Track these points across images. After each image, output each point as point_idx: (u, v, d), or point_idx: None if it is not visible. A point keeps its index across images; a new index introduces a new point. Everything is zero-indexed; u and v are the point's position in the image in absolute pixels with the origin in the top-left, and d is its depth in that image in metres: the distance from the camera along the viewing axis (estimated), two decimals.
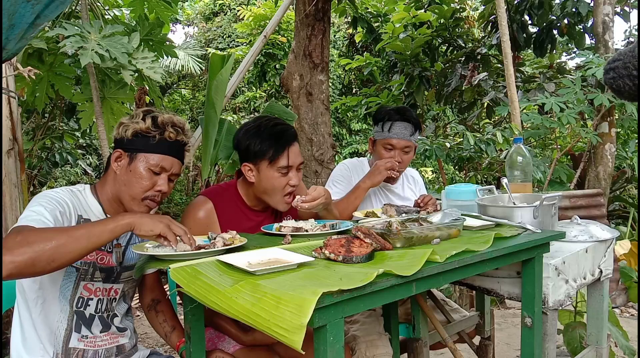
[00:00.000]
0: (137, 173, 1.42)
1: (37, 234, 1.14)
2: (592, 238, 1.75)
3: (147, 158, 1.42)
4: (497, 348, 2.42)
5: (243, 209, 1.74)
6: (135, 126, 1.42)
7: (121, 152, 1.44)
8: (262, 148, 1.64)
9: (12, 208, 2.95)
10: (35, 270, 1.12)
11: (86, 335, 1.44)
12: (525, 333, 1.48)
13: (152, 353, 1.65)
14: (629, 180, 6.13)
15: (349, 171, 2.23)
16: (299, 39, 4.15)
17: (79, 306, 1.43)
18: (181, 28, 12.46)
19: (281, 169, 1.65)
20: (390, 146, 2.13)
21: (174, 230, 1.24)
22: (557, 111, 4.16)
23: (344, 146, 9.97)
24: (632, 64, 1.09)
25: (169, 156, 1.45)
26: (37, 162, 5.22)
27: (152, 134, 1.42)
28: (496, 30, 5.36)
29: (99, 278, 1.46)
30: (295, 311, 0.84)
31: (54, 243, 1.12)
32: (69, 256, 1.15)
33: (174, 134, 1.45)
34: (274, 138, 1.65)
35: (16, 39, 1.67)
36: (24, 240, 1.10)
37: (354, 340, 1.86)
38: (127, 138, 1.43)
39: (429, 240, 1.29)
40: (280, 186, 1.66)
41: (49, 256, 1.11)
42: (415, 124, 2.15)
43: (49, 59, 2.85)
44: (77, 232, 1.16)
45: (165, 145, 1.44)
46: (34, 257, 1.09)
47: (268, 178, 1.65)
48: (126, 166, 1.43)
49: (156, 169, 1.43)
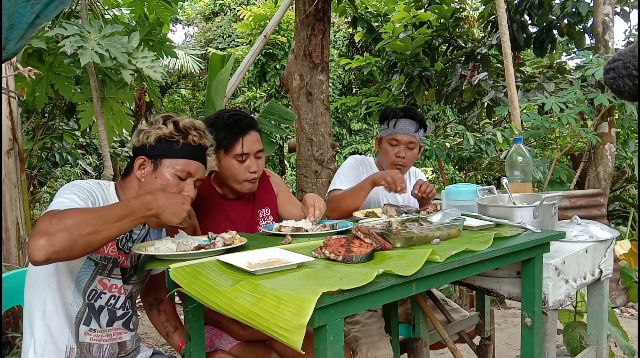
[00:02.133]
0: (163, 179, 1.40)
1: (74, 217, 1.14)
2: (592, 238, 1.75)
3: (173, 163, 1.41)
4: (497, 348, 2.42)
5: (218, 200, 1.82)
6: (158, 131, 1.40)
7: (144, 159, 1.42)
8: (218, 137, 1.69)
9: (12, 208, 2.95)
10: (71, 255, 1.14)
11: (94, 328, 1.43)
12: (525, 333, 1.48)
13: (154, 353, 1.64)
14: (629, 180, 6.13)
15: (358, 165, 2.28)
16: (299, 39, 4.15)
17: (90, 299, 1.43)
18: (181, 28, 12.47)
19: (237, 157, 1.72)
20: (395, 141, 2.18)
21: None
22: (557, 111, 4.16)
23: (344, 146, 9.97)
24: (632, 64, 1.09)
25: (194, 160, 1.44)
26: (37, 162, 5.21)
27: (176, 139, 1.41)
28: (496, 30, 5.36)
29: (116, 276, 1.46)
30: (295, 311, 0.84)
31: (91, 229, 1.14)
32: (103, 242, 1.19)
33: (197, 137, 1.44)
34: (227, 127, 1.72)
35: (16, 39, 1.68)
36: (61, 224, 1.11)
37: (355, 341, 1.86)
38: (150, 144, 1.40)
39: (429, 240, 1.29)
40: (239, 173, 1.73)
41: (86, 241, 1.13)
42: (420, 122, 2.22)
43: (49, 59, 2.85)
44: (111, 213, 1.19)
45: (189, 149, 1.43)
46: (72, 241, 1.11)
47: (227, 166, 1.74)
48: (151, 172, 1.41)
49: (182, 174, 1.42)
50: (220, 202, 1.82)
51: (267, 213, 1.90)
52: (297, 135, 4.23)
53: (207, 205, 1.78)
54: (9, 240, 2.93)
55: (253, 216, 1.86)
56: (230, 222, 1.77)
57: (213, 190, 1.83)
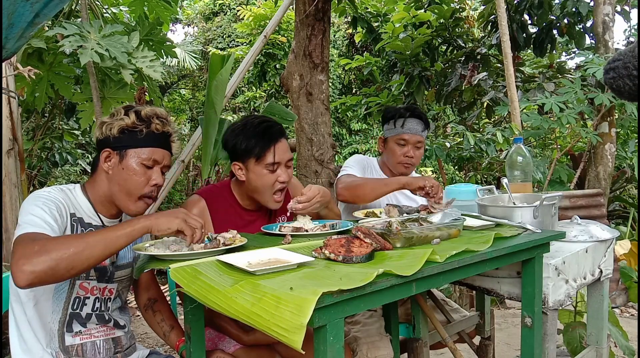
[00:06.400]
0: (130, 169, 1.41)
1: (55, 242, 1.15)
2: (592, 238, 1.75)
3: (138, 153, 1.42)
4: (497, 348, 2.41)
5: (236, 209, 1.75)
6: (120, 122, 1.41)
7: (110, 151, 1.43)
8: (248, 146, 1.65)
9: (12, 208, 2.94)
10: (55, 278, 1.14)
11: (79, 330, 1.43)
12: (525, 333, 1.48)
13: (151, 352, 1.64)
14: (629, 180, 6.13)
15: (364, 162, 2.27)
16: (299, 39, 4.14)
17: (75, 308, 1.42)
18: (181, 28, 12.46)
19: (268, 166, 1.65)
20: (404, 141, 2.17)
21: (191, 223, 1.25)
22: (557, 111, 4.16)
23: (344, 146, 9.97)
24: (632, 64, 1.09)
25: (159, 148, 1.45)
26: (37, 162, 5.22)
27: (139, 129, 1.42)
28: (496, 30, 5.36)
29: (93, 277, 1.45)
30: (295, 311, 0.83)
31: (72, 251, 1.13)
32: (87, 263, 1.17)
33: (160, 125, 1.44)
34: (259, 135, 1.65)
35: (15, 38, 1.67)
36: (42, 249, 1.12)
37: (355, 342, 1.86)
38: (113, 136, 1.41)
39: (429, 240, 1.29)
40: (269, 183, 1.66)
41: (68, 264, 1.13)
42: (425, 121, 2.21)
43: (48, 59, 2.85)
44: (93, 238, 1.17)
45: (153, 138, 1.44)
46: (53, 266, 1.11)
47: (256, 175, 1.66)
48: (117, 164, 1.42)
49: (149, 162, 1.43)
50: (238, 211, 1.75)
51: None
52: (297, 135, 4.23)
53: (224, 213, 1.72)
54: (9, 240, 2.93)
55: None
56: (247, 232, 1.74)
57: (232, 197, 1.76)
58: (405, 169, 2.20)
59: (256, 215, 1.77)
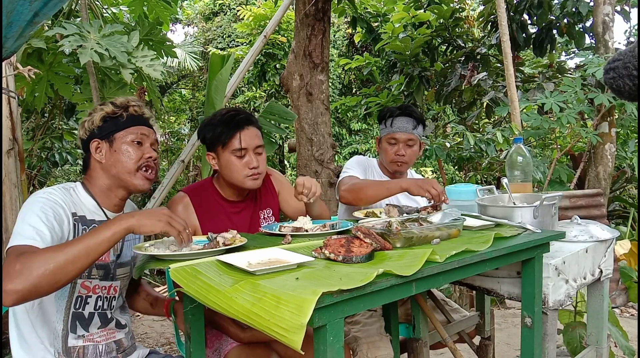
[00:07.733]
0: (122, 151, 1.46)
1: (36, 259, 1.14)
2: (592, 238, 1.75)
3: (125, 133, 1.48)
4: (497, 348, 2.41)
5: (220, 202, 1.80)
6: (101, 112, 1.47)
7: (98, 141, 1.47)
8: (215, 133, 1.71)
9: (12, 208, 2.94)
10: (39, 294, 1.15)
11: (82, 334, 1.44)
12: (525, 333, 1.48)
13: (151, 352, 1.65)
14: (629, 180, 6.13)
15: (365, 163, 2.29)
16: (299, 39, 4.14)
17: (77, 308, 1.42)
18: (181, 28, 12.45)
19: (235, 152, 1.70)
20: (394, 139, 2.19)
21: (174, 225, 1.25)
22: (557, 111, 4.16)
23: (344, 146, 9.96)
24: (632, 64, 1.09)
25: (143, 125, 1.52)
26: (37, 162, 5.22)
27: (119, 113, 1.48)
28: (496, 30, 5.36)
29: (95, 276, 1.45)
30: (295, 311, 0.83)
31: (53, 266, 1.13)
32: (70, 275, 1.16)
33: (138, 108, 1.52)
34: (224, 123, 1.72)
35: (14, 37, 1.67)
36: (24, 268, 1.11)
37: (355, 341, 1.86)
38: (97, 126, 1.47)
39: (429, 240, 1.29)
40: (238, 168, 1.71)
41: (50, 279, 1.13)
42: (417, 119, 2.21)
43: (48, 59, 2.85)
44: (75, 249, 1.17)
45: (135, 118, 1.51)
46: (36, 283, 1.11)
47: (226, 162, 1.72)
48: (108, 150, 1.47)
49: (138, 138, 1.49)
50: (222, 204, 1.80)
51: (268, 214, 1.89)
52: (297, 135, 4.23)
53: (208, 207, 1.77)
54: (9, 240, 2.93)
55: (255, 218, 1.85)
56: (232, 224, 1.76)
57: (215, 191, 1.81)
58: (398, 168, 2.21)
59: (240, 206, 1.82)
